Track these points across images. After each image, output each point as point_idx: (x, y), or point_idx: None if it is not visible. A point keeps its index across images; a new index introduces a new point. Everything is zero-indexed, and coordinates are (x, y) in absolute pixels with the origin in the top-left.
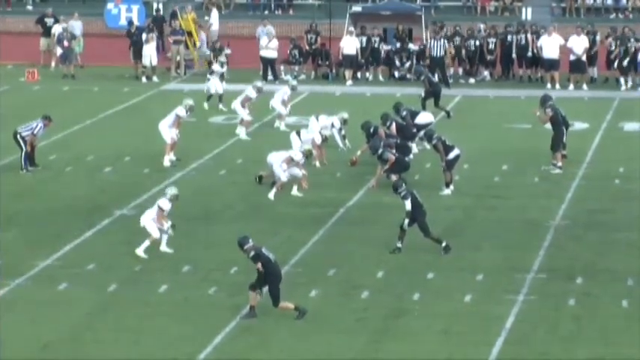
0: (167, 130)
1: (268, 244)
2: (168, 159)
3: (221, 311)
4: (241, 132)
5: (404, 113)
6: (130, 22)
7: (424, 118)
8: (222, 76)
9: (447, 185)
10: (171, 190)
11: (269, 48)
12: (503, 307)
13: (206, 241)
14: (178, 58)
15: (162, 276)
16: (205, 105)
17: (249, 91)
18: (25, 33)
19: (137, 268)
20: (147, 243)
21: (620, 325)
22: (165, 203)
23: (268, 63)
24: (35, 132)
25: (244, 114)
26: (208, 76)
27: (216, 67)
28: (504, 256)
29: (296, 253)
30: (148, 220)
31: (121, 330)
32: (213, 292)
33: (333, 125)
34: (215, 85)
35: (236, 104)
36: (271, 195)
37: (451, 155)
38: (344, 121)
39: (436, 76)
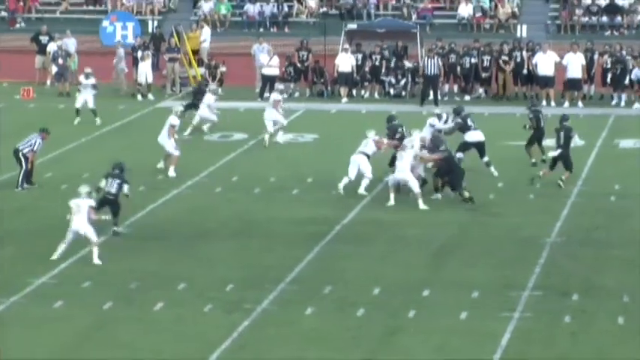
0: (167, 141)
1: (263, 262)
2: (173, 169)
3: (216, 329)
4: (280, 136)
5: (458, 120)
6: (135, 37)
7: (476, 135)
8: (94, 87)
9: (437, 190)
10: (84, 189)
11: (271, 66)
12: (499, 325)
13: (201, 258)
14: (173, 75)
15: (158, 293)
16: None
17: (275, 96)
18: (20, 51)
19: (133, 285)
20: (95, 250)
21: (615, 342)
22: (84, 202)
23: (269, 81)
24: (35, 148)
25: (281, 118)
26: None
27: (81, 78)
28: (500, 273)
29: (291, 270)
30: (84, 225)
31: (116, 348)
32: (208, 309)
33: (433, 125)
34: (86, 99)
35: (271, 113)
36: (422, 205)
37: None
38: (439, 116)
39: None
